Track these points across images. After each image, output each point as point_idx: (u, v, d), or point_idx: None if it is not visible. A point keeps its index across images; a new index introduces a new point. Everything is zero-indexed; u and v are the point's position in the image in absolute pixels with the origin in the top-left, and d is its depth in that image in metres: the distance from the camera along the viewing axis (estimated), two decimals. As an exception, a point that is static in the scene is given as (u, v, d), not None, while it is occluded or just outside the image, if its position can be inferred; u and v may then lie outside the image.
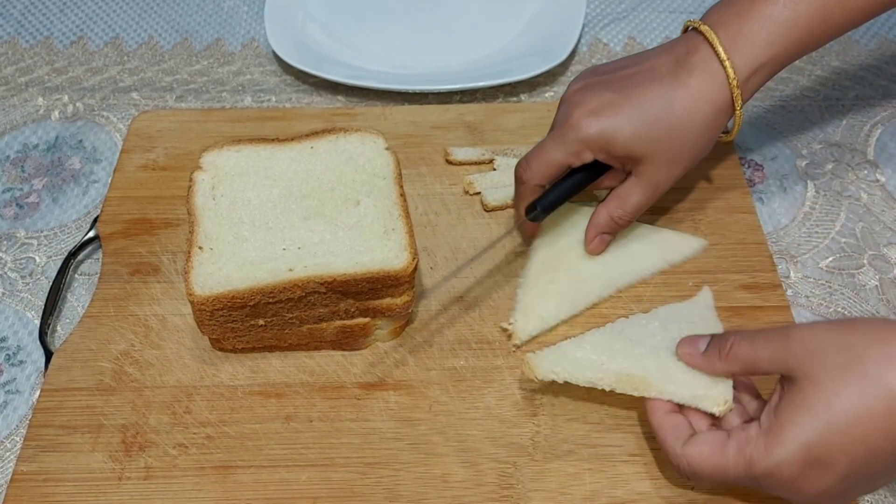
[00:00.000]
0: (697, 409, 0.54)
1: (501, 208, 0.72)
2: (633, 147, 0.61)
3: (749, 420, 0.53)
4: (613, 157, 0.62)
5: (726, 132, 0.66)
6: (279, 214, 0.63)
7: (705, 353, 0.54)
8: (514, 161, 0.74)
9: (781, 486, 0.49)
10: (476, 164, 0.76)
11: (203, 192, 0.64)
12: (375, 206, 0.63)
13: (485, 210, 0.72)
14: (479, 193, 0.73)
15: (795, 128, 0.81)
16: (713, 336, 0.55)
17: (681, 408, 0.55)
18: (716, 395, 0.54)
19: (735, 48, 0.60)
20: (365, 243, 0.61)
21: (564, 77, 0.87)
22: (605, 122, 0.61)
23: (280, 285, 0.58)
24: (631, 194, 0.64)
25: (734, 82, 0.60)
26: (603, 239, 0.66)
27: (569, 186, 0.64)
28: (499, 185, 0.73)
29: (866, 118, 0.82)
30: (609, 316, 0.65)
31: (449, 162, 0.76)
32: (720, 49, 0.60)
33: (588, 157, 0.62)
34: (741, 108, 0.62)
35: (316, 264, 0.59)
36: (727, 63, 0.60)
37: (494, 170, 0.75)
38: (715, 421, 0.55)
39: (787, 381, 0.50)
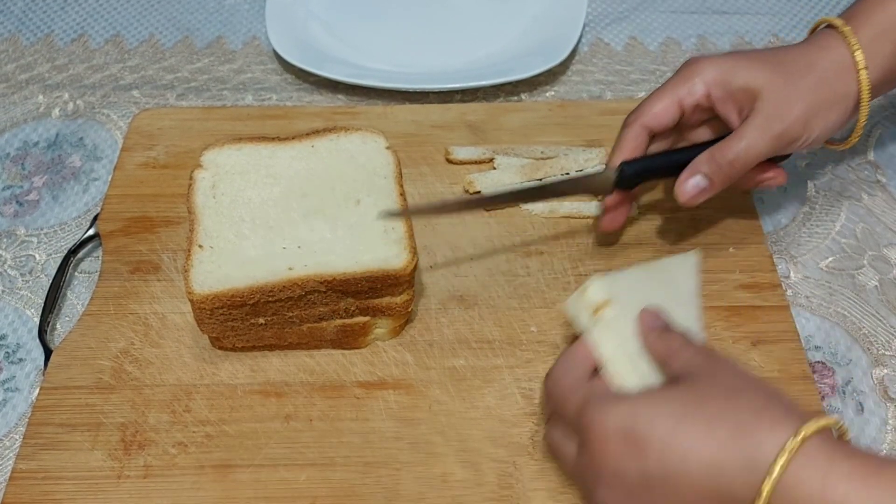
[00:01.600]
0: None
1: (501, 208, 0.72)
2: (750, 78, 0.59)
3: None
4: (729, 91, 0.60)
5: (841, 141, 0.66)
6: (279, 213, 0.62)
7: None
8: (515, 160, 0.75)
9: (589, 452, 0.47)
10: (477, 163, 0.76)
11: (203, 190, 0.64)
12: (376, 206, 0.63)
13: (485, 209, 0.72)
14: (479, 192, 0.73)
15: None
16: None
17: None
18: None
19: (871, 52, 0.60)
20: (365, 242, 0.60)
21: (565, 76, 0.87)
22: (724, 59, 0.61)
23: (280, 284, 0.58)
24: (742, 134, 0.59)
25: (863, 74, 0.60)
26: (697, 183, 0.60)
27: (663, 159, 0.63)
28: (499, 183, 0.73)
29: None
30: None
31: (450, 161, 0.76)
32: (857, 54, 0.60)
33: (699, 91, 0.60)
34: (867, 103, 0.62)
35: (316, 263, 0.59)
36: (861, 67, 0.60)
37: (495, 169, 0.75)
38: None
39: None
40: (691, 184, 0.61)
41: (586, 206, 0.72)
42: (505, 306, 0.66)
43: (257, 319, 0.60)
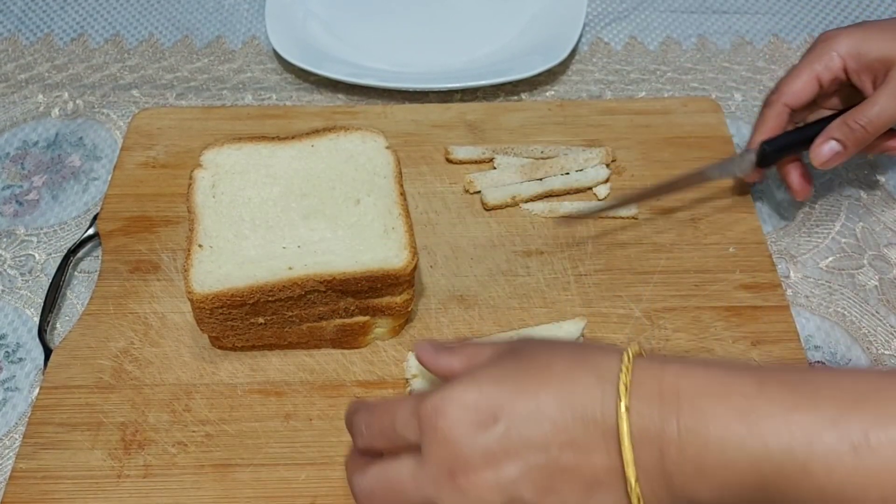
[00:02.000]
0: None
1: (501, 207, 0.72)
2: (885, 48, 0.61)
3: None
4: (863, 63, 0.63)
5: None
6: (279, 213, 0.62)
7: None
8: (514, 160, 0.75)
9: (440, 428, 0.42)
10: (476, 162, 0.76)
11: (203, 189, 0.64)
12: (375, 205, 0.63)
13: (485, 209, 0.72)
14: (479, 192, 0.73)
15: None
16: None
17: None
18: None
19: None
20: (365, 242, 0.60)
21: (565, 76, 0.87)
22: (856, 30, 0.64)
23: (280, 283, 0.58)
24: (876, 100, 0.62)
25: None
26: (832, 147, 0.63)
27: (798, 134, 0.66)
28: (499, 183, 0.73)
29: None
30: (609, 315, 0.65)
31: (449, 161, 0.76)
32: None
33: (836, 65, 0.64)
34: None
35: (316, 263, 0.59)
36: None
37: (495, 168, 0.75)
38: None
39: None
40: (826, 148, 0.64)
41: (586, 206, 0.72)
42: (505, 306, 0.66)
43: (257, 319, 0.60)
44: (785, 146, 0.68)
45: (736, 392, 0.40)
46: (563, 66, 0.88)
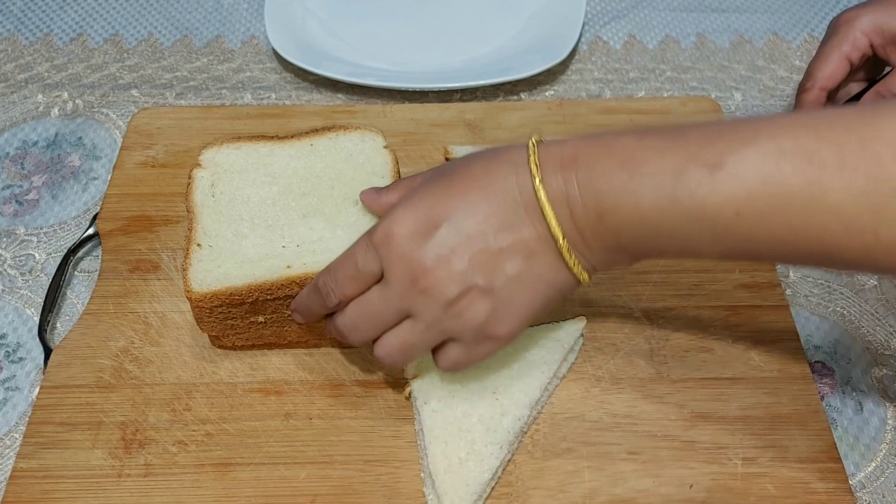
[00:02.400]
0: None
1: None
2: None
3: None
4: (889, 37, 0.66)
5: None
6: (278, 212, 0.63)
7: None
8: None
9: (393, 247, 0.50)
10: None
11: (202, 189, 0.64)
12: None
13: None
14: None
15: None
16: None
17: None
18: None
19: None
20: None
21: (564, 75, 0.87)
22: (874, 7, 0.66)
23: (278, 282, 0.58)
24: None
25: None
26: None
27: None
28: None
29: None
30: (609, 315, 0.65)
31: (448, 160, 0.76)
32: None
33: (863, 44, 0.66)
34: None
35: (314, 262, 0.59)
36: None
37: None
38: None
39: None
40: None
41: None
42: (504, 305, 0.66)
43: (256, 318, 0.60)
44: None
45: (619, 147, 0.47)
46: (563, 66, 0.88)
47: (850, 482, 0.57)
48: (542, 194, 0.48)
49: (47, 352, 0.64)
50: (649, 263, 0.68)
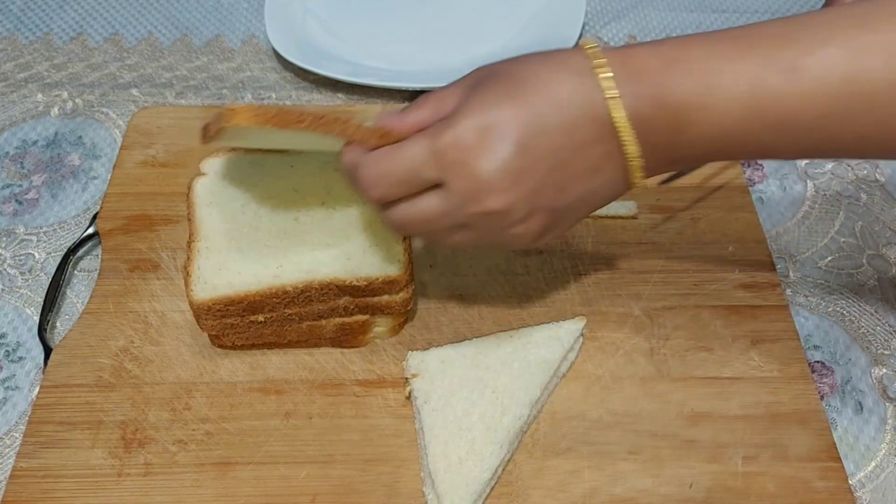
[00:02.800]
0: None
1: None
2: None
3: None
4: None
5: None
6: (277, 220, 0.63)
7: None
8: None
9: (460, 162, 0.47)
10: None
11: (203, 196, 0.64)
12: (372, 213, 0.63)
13: None
14: None
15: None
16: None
17: None
18: None
19: None
20: (362, 249, 0.61)
21: (564, 75, 0.87)
22: None
23: (279, 290, 0.58)
24: None
25: None
26: None
27: None
28: None
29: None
30: (609, 314, 0.65)
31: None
32: None
33: None
34: None
35: (313, 269, 0.59)
36: None
37: None
38: None
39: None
40: None
41: None
42: (504, 305, 0.66)
43: (256, 317, 0.60)
44: None
45: (690, 58, 0.46)
46: (563, 66, 0.88)
47: (850, 481, 0.57)
48: (617, 113, 0.46)
49: (47, 351, 0.64)
50: (649, 263, 0.68)
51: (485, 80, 0.50)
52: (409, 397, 0.60)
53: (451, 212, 0.49)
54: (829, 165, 0.78)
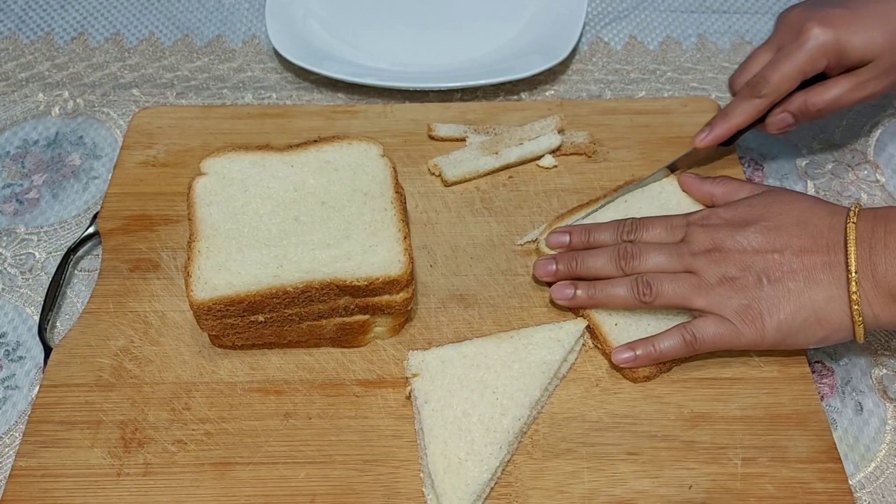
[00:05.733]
0: None
1: (460, 182, 0.74)
2: (867, 50, 0.66)
3: None
4: (844, 61, 0.67)
5: None
6: (277, 220, 0.63)
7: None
8: (486, 138, 0.75)
9: (709, 231, 0.61)
10: (459, 140, 0.77)
11: (203, 197, 0.64)
12: (372, 213, 0.63)
13: (444, 185, 0.73)
14: (441, 175, 0.74)
15: (795, 127, 0.81)
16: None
17: None
18: None
19: None
20: (362, 249, 0.61)
21: (565, 75, 0.87)
22: (840, 30, 0.65)
23: (279, 290, 0.58)
24: (834, 88, 0.68)
25: None
26: (785, 119, 0.70)
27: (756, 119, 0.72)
28: (461, 163, 0.74)
29: (866, 118, 0.82)
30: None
31: (432, 137, 0.77)
32: None
33: (822, 65, 0.67)
34: None
35: (313, 270, 0.60)
36: None
37: (466, 146, 0.76)
38: None
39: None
40: (780, 118, 0.70)
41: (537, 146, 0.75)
42: (505, 305, 0.66)
43: (256, 317, 0.60)
44: (745, 129, 0.72)
45: None
46: (563, 66, 0.88)
47: (850, 482, 0.57)
48: (850, 229, 0.56)
49: (47, 350, 0.64)
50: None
51: (761, 195, 0.63)
52: (409, 397, 0.60)
53: (682, 256, 0.62)
54: (829, 165, 0.78)
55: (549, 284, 0.65)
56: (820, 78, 0.68)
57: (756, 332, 0.58)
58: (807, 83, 0.69)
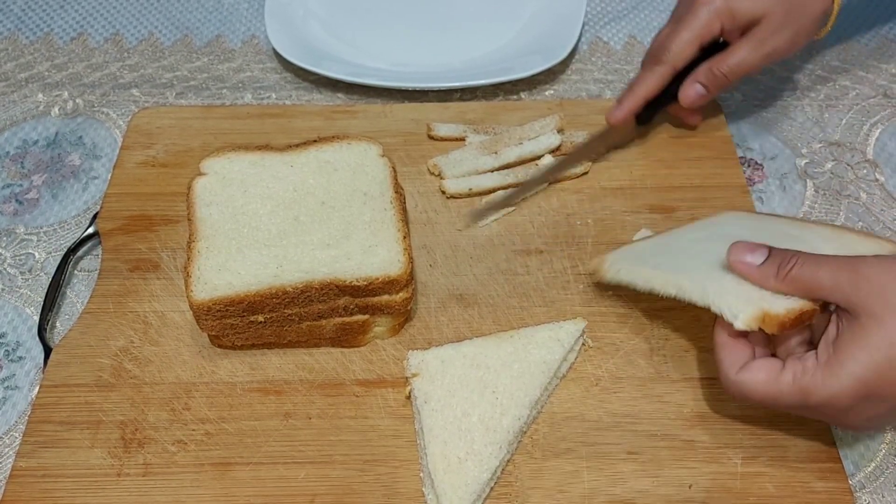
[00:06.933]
0: (762, 333, 0.54)
1: (460, 197, 0.73)
2: (755, 8, 0.68)
3: (806, 346, 0.55)
4: (738, 22, 0.69)
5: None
6: (277, 220, 0.63)
7: (762, 266, 0.53)
8: (484, 138, 0.75)
9: (833, 414, 0.52)
10: (459, 139, 0.77)
11: (202, 197, 0.64)
12: (372, 213, 0.63)
13: (445, 197, 0.73)
14: (440, 175, 0.74)
15: (795, 127, 0.81)
16: (773, 249, 0.54)
17: (747, 334, 0.55)
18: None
19: None
20: (361, 249, 0.61)
21: (564, 75, 0.87)
22: None
23: (279, 290, 0.58)
24: (736, 51, 0.70)
25: None
26: (698, 90, 0.71)
27: (671, 90, 0.73)
28: (460, 164, 0.74)
29: (866, 118, 0.82)
30: (609, 314, 0.65)
31: (431, 137, 0.77)
32: None
33: (717, 28, 0.70)
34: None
35: (313, 270, 0.60)
36: None
37: (465, 146, 0.76)
38: (772, 346, 0.56)
39: (846, 314, 0.51)
40: (692, 91, 0.72)
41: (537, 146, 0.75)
42: (504, 305, 0.66)
43: (256, 317, 0.60)
44: (660, 104, 0.74)
45: None
46: (563, 66, 0.88)
47: (850, 482, 0.57)
48: None
49: (47, 351, 0.64)
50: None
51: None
52: (409, 397, 0.60)
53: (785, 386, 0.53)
54: (829, 165, 0.78)
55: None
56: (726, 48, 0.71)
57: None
58: (712, 54, 0.71)
